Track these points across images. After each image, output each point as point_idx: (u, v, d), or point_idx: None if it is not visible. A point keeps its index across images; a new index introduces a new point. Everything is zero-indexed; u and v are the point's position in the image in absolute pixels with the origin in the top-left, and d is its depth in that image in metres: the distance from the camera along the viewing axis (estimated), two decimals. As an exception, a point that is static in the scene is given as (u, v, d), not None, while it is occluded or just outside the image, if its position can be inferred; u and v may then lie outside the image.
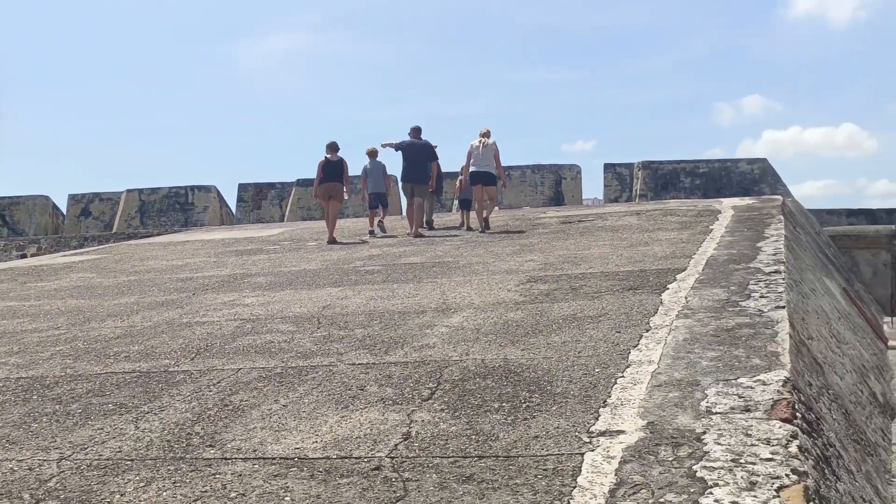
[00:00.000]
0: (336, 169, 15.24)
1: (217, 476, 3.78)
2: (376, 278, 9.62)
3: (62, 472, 3.97)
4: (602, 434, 3.88)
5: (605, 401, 4.35)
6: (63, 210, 29.59)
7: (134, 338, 7.06)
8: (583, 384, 4.67)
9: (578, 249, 10.89)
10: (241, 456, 4.01)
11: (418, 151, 15.43)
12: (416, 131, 15.66)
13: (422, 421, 4.30)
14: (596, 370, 4.92)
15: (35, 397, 5.36)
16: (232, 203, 29.18)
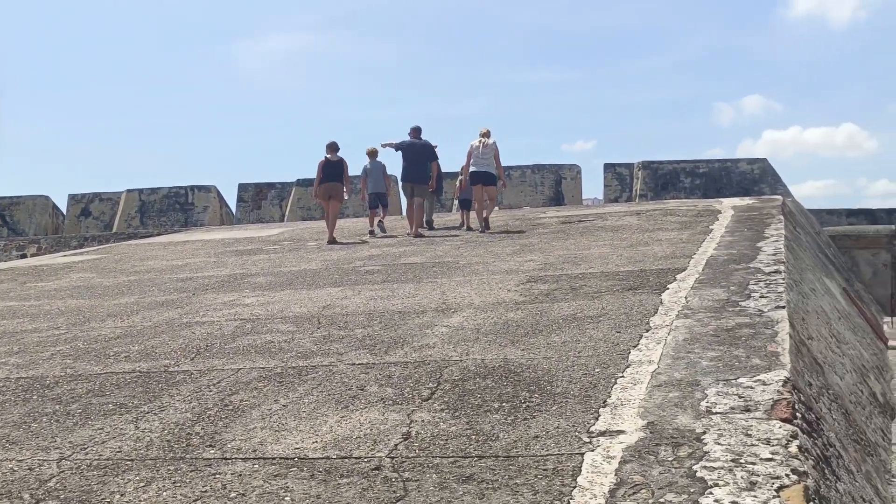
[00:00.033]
0: (336, 169, 15.24)
1: (217, 476, 3.78)
2: (376, 278, 9.62)
3: (62, 472, 3.97)
4: (602, 434, 3.88)
5: (605, 401, 4.35)
6: (63, 210, 29.60)
7: (134, 338, 7.06)
8: (583, 384, 4.67)
9: (578, 249, 10.89)
10: (241, 456, 4.01)
11: (418, 151, 15.43)
12: (417, 131, 15.68)
13: (422, 421, 4.30)
14: (596, 370, 4.92)
15: (35, 397, 5.36)
16: (232, 203, 29.19)
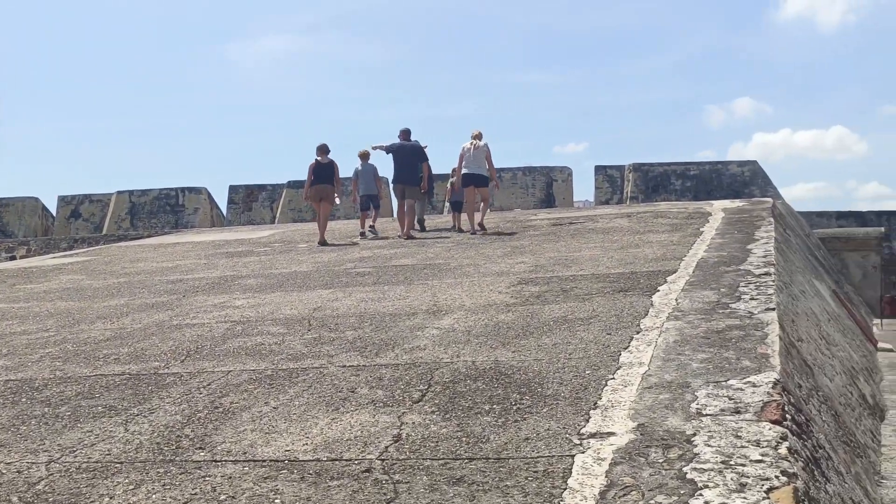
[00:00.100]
0: (327, 171, 15.25)
1: (207, 478, 3.76)
2: (367, 280, 9.61)
3: (51, 475, 3.95)
4: (592, 436, 3.88)
5: (596, 403, 4.35)
6: (53, 212, 29.50)
7: (124, 340, 7.04)
8: (573, 386, 4.67)
9: (569, 251, 10.90)
10: (231, 458, 4.00)
11: (408, 153, 15.47)
12: (406, 134, 15.75)
13: (412, 423, 4.30)
14: (586, 372, 4.92)
15: (24, 400, 5.34)
16: (223, 205, 29.13)
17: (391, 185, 16.46)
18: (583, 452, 3.70)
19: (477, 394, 4.70)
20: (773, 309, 6.07)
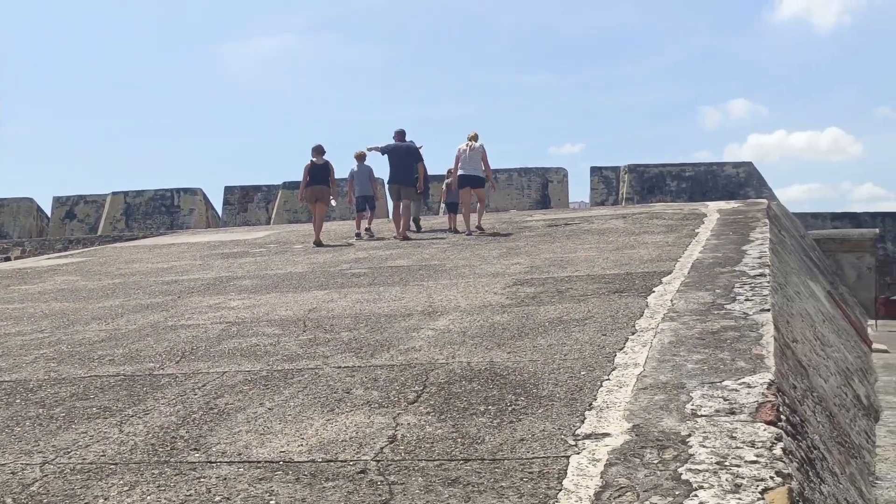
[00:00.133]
0: (322, 172, 15.26)
1: (201, 480, 3.76)
2: (363, 281, 9.61)
3: (45, 477, 3.94)
4: (588, 437, 3.89)
5: (591, 403, 4.35)
6: (47, 213, 29.45)
7: (118, 341, 7.02)
8: (568, 387, 4.68)
9: (565, 253, 10.91)
10: (226, 459, 3.99)
11: (403, 153, 15.49)
12: (401, 134, 15.77)
13: (407, 424, 4.30)
14: (582, 373, 4.93)
15: (18, 401, 5.32)
16: (218, 206, 29.12)
17: (387, 186, 16.48)
18: (578, 453, 3.70)
19: (472, 395, 4.70)
20: (768, 310, 6.08)
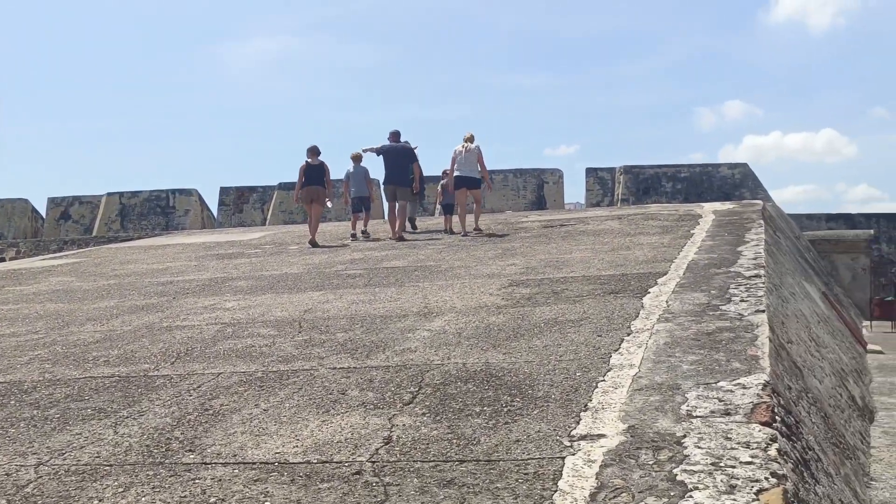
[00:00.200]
0: (317, 173, 15.26)
1: (197, 481, 3.75)
2: (358, 282, 9.60)
3: (40, 478, 3.93)
4: (583, 438, 3.89)
5: (587, 404, 4.36)
6: (42, 213, 29.40)
7: (113, 342, 7.01)
8: (564, 388, 4.68)
9: (560, 253, 10.91)
10: (221, 461, 3.99)
11: (399, 154, 15.50)
12: (395, 135, 15.78)
13: (403, 425, 4.29)
14: (577, 374, 4.93)
15: (13, 402, 5.31)
16: (213, 207, 29.09)
17: (382, 187, 16.48)
18: (573, 454, 3.70)
19: (467, 396, 4.70)
20: (763, 311, 6.09)
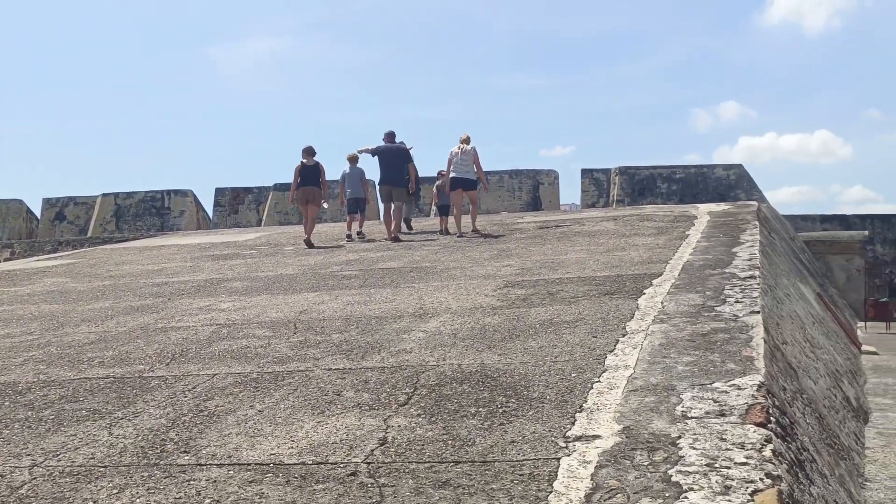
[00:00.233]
0: (313, 173, 15.25)
1: (191, 482, 3.75)
2: (353, 283, 9.59)
3: (34, 479, 3.92)
4: (578, 439, 3.89)
5: (582, 406, 4.36)
6: (37, 214, 29.35)
7: (108, 343, 7.00)
8: (559, 389, 4.68)
9: (555, 255, 10.92)
10: (216, 462, 3.98)
11: (394, 154, 15.51)
12: (390, 136, 15.79)
13: (398, 426, 4.29)
14: (572, 375, 4.93)
15: (7, 403, 5.30)
16: (209, 207, 29.06)
17: (377, 188, 16.48)
18: (568, 455, 3.71)
19: (463, 397, 4.70)
20: (758, 312, 6.10)
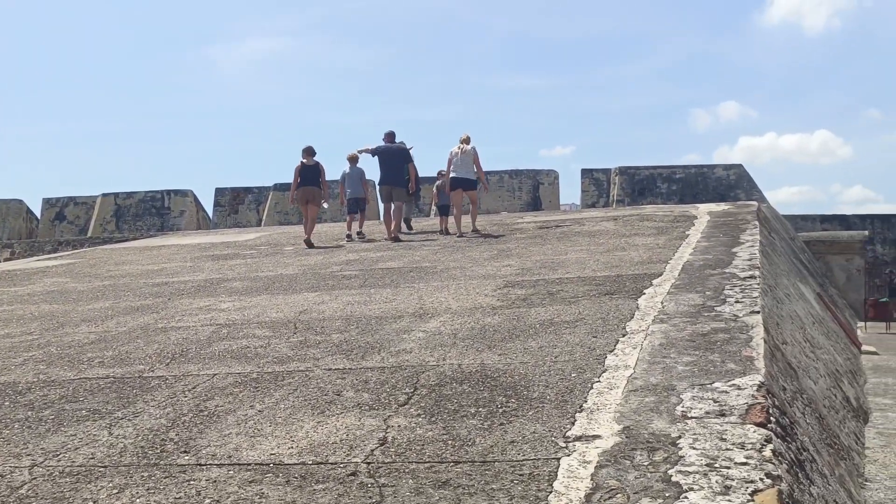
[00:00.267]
0: (313, 173, 15.25)
1: (191, 482, 3.75)
2: (354, 283, 9.59)
3: (34, 479, 3.92)
4: (578, 439, 3.89)
5: (582, 406, 4.36)
6: (37, 214, 29.35)
7: (108, 343, 7.00)
8: (559, 389, 4.68)
9: (556, 255, 10.92)
10: (216, 462, 3.98)
11: (393, 154, 15.51)
12: (390, 136, 15.79)
13: (398, 426, 4.29)
14: (572, 375, 4.93)
15: (7, 403, 5.30)
16: (209, 207, 29.06)
17: (377, 188, 16.48)
18: (568, 455, 3.71)
19: (463, 397, 4.70)
20: (758, 312, 6.10)
